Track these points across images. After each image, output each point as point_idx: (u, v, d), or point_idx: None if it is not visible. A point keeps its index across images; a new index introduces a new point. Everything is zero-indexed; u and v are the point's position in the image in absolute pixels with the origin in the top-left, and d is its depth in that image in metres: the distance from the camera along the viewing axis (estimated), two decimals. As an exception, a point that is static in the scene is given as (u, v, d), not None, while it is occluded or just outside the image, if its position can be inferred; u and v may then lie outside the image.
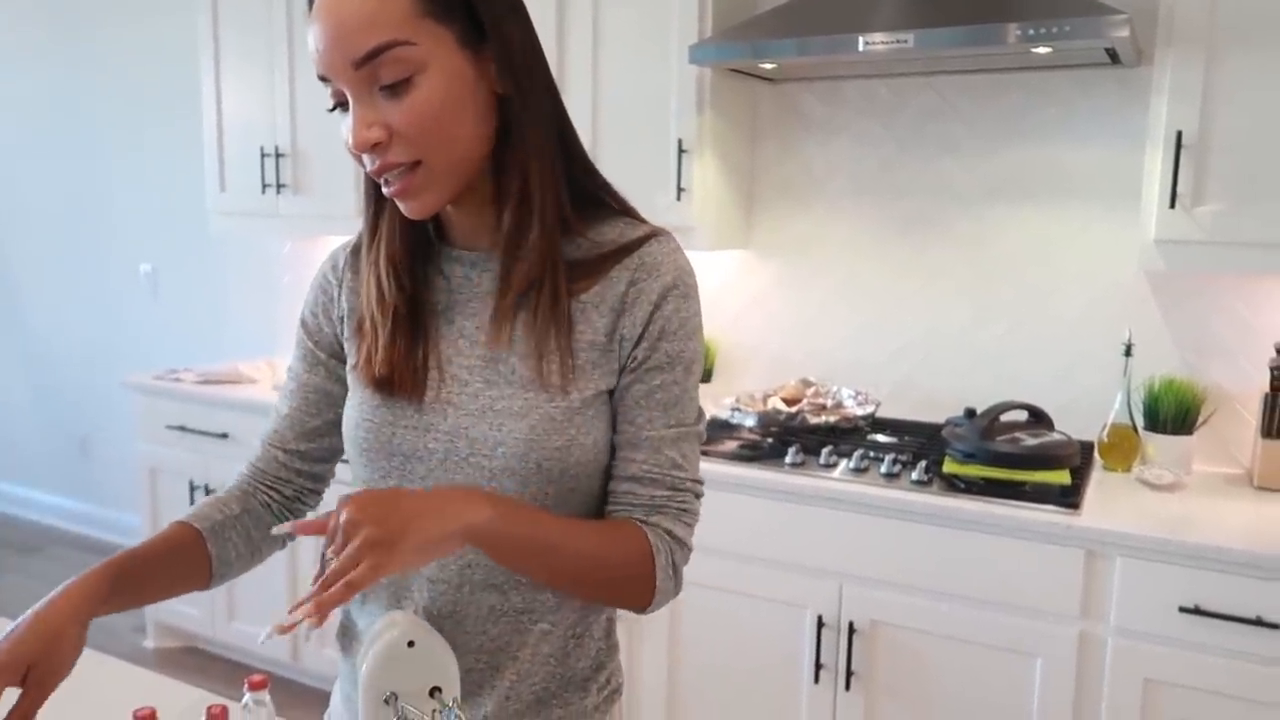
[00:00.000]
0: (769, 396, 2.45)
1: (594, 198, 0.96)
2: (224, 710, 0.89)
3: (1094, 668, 1.84)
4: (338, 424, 1.02)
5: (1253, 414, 2.14)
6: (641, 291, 0.90)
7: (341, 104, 0.85)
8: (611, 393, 0.92)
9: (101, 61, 3.82)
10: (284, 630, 0.72)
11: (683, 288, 0.92)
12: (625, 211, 0.97)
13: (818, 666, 2.07)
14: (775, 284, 2.67)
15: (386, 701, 0.81)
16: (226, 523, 0.99)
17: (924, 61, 2.23)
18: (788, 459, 2.14)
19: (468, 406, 0.91)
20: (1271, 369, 2.01)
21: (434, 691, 0.82)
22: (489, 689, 0.93)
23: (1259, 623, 1.69)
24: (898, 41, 1.97)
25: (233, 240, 3.59)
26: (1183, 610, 1.74)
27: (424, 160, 0.85)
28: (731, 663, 2.17)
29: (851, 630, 2.03)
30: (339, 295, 1.02)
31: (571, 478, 0.90)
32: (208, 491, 2.92)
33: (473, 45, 0.85)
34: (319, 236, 3.34)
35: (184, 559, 0.95)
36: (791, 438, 2.23)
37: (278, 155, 2.98)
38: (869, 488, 2.00)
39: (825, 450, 2.14)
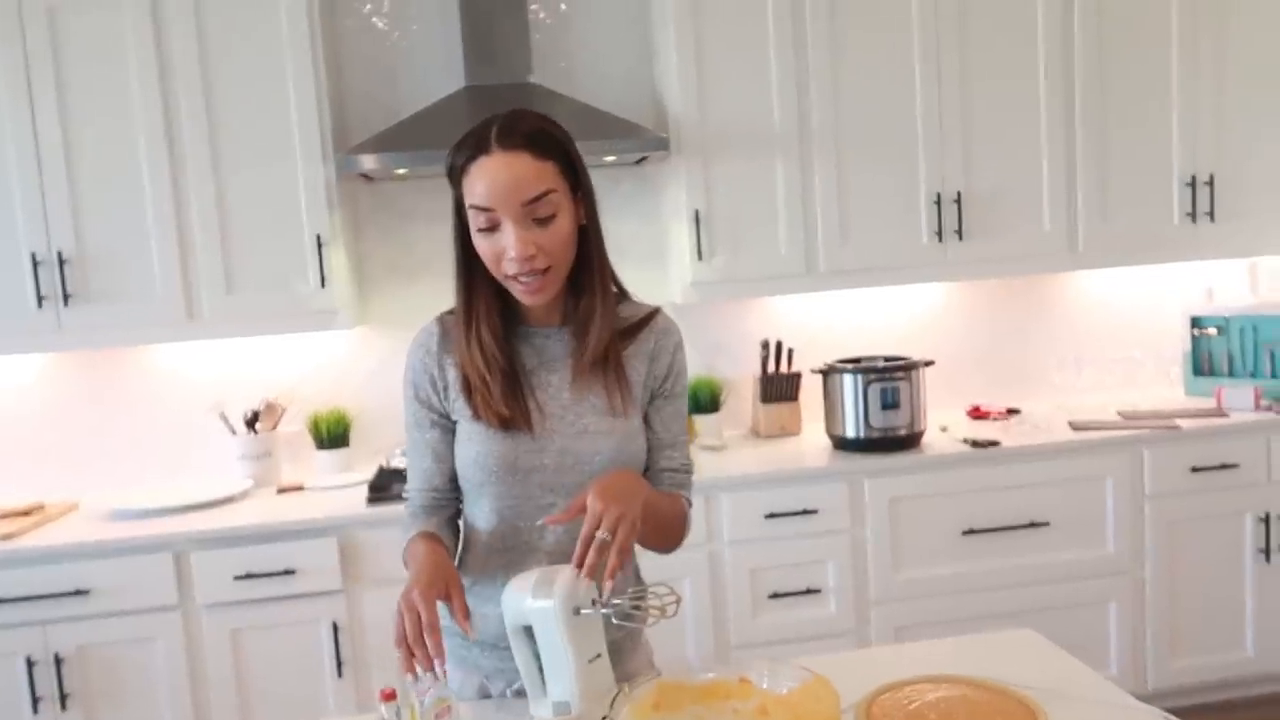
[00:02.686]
0: (420, 444, 2.89)
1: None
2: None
3: (721, 571, 2.69)
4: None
5: (748, 391, 3.22)
6: (664, 346, 1.44)
7: (491, 228, 1.28)
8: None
9: None
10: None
11: (682, 343, 1.47)
12: (626, 294, 1.46)
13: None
14: (393, 353, 3.09)
15: (576, 612, 1.24)
16: (443, 529, 1.42)
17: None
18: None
19: (567, 431, 1.37)
20: (762, 358, 3.10)
21: (593, 602, 1.27)
22: None
23: (805, 512, 2.70)
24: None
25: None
26: (766, 517, 2.68)
27: (552, 267, 1.31)
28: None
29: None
30: (438, 373, 1.40)
31: (635, 470, 1.40)
32: (59, 662, 2.47)
33: (574, 194, 1.33)
34: (117, 349, 2.94)
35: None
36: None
37: (61, 262, 2.60)
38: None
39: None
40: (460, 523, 1.48)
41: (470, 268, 1.36)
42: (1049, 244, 3.02)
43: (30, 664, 2.45)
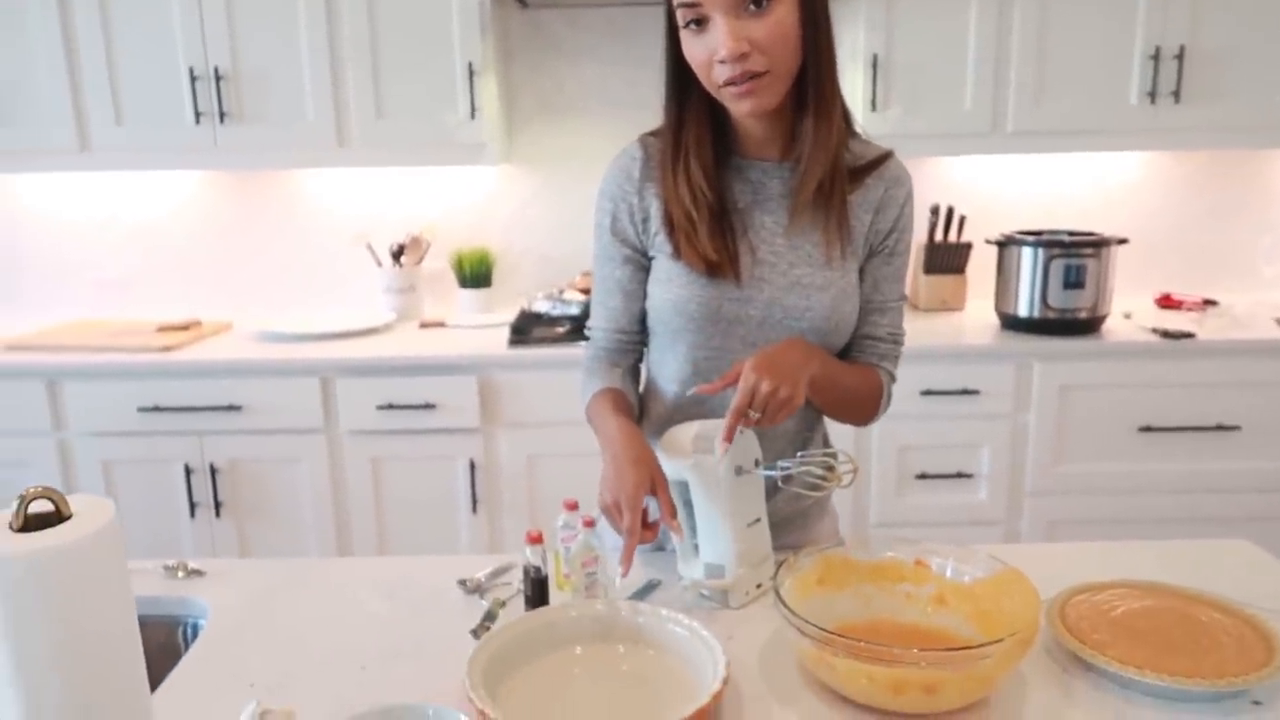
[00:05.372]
0: (562, 291, 2.81)
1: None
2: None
3: (867, 445, 2.55)
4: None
5: (910, 259, 2.98)
6: (893, 197, 1.25)
7: (697, 21, 1.09)
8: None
9: None
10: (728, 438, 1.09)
11: (913, 195, 1.28)
12: (855, 130, 1.26)
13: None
14: (537, 193, 3.00)
15: (738, 472, 1.14)
16: (627, 383, 1.32)
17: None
18: (616, 335, 2.55)
19: (778, 282, 1.22)
20: (930, 224, 2.86)
21: (756, 462, 1.17)
22: None
23: (965, 392, 2.51)
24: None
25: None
26: (922, 393, 2.51)
27: (770, 70, 1.10)
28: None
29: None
30: (637, 202, 1.25)
31: (846, 333, 1.26)
32: (214, 472, 2.58)
33: None
34: (269, 172, 2.99)
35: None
36: (607, 319, 2.64)
37: (218, 78, 2.61)
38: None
39: (645, 324, 2.60)
40: (643, 368, 1.37)
41: (682, 89, 1.18)
42: (1282, 114, 2.63)
43: (189, 471, 2.56)
